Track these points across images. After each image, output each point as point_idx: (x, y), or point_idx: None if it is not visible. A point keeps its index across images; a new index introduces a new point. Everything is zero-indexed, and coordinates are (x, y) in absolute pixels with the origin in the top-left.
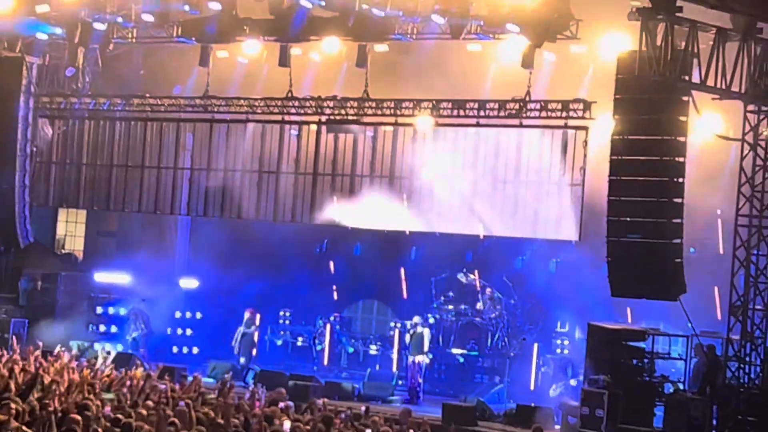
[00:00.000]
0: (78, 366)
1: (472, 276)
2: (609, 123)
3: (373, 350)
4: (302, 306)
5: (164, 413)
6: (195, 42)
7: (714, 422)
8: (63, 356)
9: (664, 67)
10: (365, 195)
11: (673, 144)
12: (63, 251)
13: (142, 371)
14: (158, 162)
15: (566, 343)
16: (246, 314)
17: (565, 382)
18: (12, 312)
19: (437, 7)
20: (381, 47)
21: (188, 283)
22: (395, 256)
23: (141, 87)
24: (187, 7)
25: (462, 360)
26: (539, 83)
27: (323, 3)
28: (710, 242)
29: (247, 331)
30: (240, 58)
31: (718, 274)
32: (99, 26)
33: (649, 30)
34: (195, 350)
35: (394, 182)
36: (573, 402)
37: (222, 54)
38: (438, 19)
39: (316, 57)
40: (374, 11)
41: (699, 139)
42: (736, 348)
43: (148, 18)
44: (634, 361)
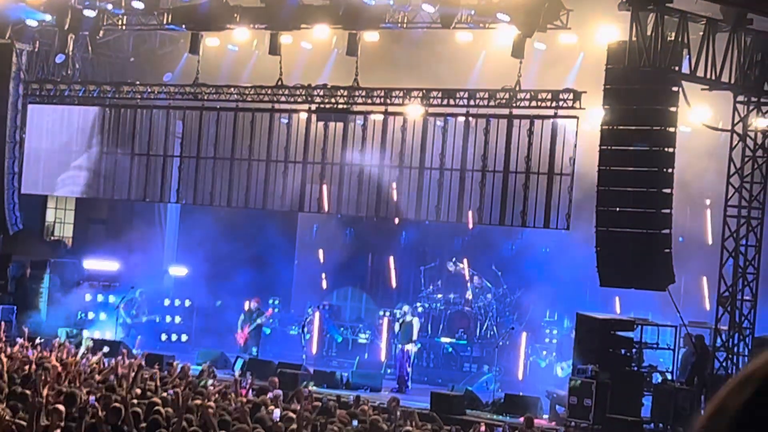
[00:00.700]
0: (67, 353)
1: (461, 265)
2: (599, 113)
3: (362, 339)
4: (291, 294)
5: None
6: (185, 29)
7: (702, 412)
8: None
9: (654, 58)
10: (354, 183)
11: (663, 134)
12: (52, 238)
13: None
14: (148, 149)
15: (555, 333)
16: (252, 303)
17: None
18: (0, 299)
19: None
20: (371, 36)
21: (177, 271)
22: (384, 245)
23: (131, 74)
24: None
25: (450, 349)
26: (529, 73)
27: None
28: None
29: (259, 322)
30: (230, 46)
31: (706, 265)
32: (89, 13)
33: (639, 20)
34: (184, 338)
35: (384, 171)
36: (561, 391)
37: (212, 42)
38: (428, 8)
39: (307, 45)
40: (365, 0)
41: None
42: (725, 338)
43: (138, 5)
44: (623, 351)
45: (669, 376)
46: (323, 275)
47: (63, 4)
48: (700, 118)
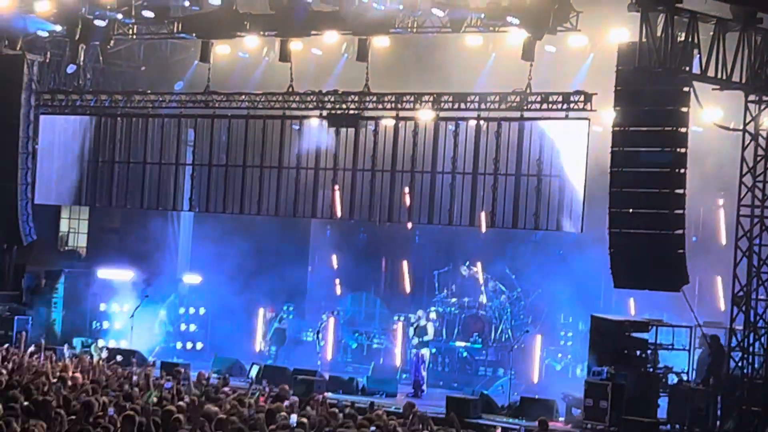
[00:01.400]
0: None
1: (475, 269)
2: (610, 114)
3: (377, 344)
4: (305, 300)
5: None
6: (195, 37)
7: (718, 413)
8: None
9: (665, 58)
10: (367, 189)
11: (675, 135)
12: (66, 248)
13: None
14: (160, 158)
15: (570, 335)
16: (268, 313)
17: None
18: (15, 309)
19: (437, 0)
20: (382, 41)
21: (191, 279)
22: (398, 250)
23: (142, 83)
24: (188, 3)
25: (465, 353)
26: (540, 75)
27: None
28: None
29: (280, 327)
30: (240, 53)
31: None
32: (99, 23)
33: (649, 21)
34: (199, 346)
35: (396, 176)
36: (577, 394)
37: (223, 49)
38: (438, 13)
39: (317, 51)
40: (374, 5)
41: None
42: (740, 338)
43: (149, 14)
44: (638, 353)
45: (685, 377)
46: (337, 281)
47: (73, 15)
48: (712, 118)
